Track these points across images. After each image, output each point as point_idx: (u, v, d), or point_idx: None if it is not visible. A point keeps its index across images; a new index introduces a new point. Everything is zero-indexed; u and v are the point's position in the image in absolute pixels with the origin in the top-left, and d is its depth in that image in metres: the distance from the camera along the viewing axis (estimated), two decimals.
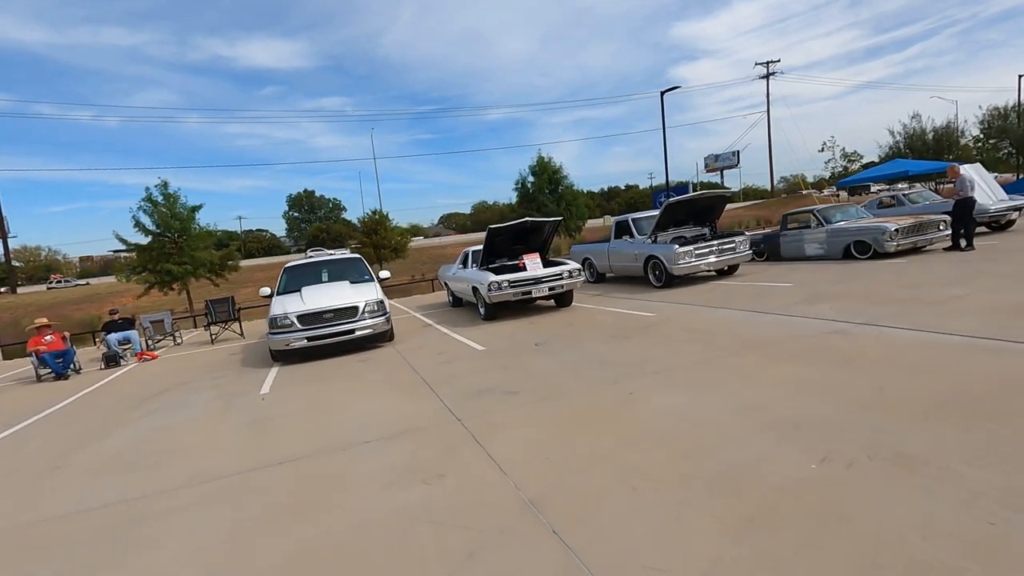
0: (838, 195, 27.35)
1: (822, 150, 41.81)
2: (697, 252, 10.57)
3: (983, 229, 13.00)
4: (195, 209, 16.82)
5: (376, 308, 8.36)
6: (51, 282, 58.39)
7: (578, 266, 9.78)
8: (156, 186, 16.14)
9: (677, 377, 4.82)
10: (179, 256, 15.89)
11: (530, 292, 9.39)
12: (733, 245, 10.85)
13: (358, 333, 8.12)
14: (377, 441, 4.23)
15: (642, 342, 6.45)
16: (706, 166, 78.99)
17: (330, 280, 9.55)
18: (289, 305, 8.22)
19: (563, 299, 10.11)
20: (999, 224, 12.72)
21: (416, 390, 5.58)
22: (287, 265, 10.04)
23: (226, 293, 14.21)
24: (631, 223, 12.07)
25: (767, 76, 55.92)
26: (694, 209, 11.53)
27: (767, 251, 13.13)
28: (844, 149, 39.56)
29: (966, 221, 10.34)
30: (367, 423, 4.73)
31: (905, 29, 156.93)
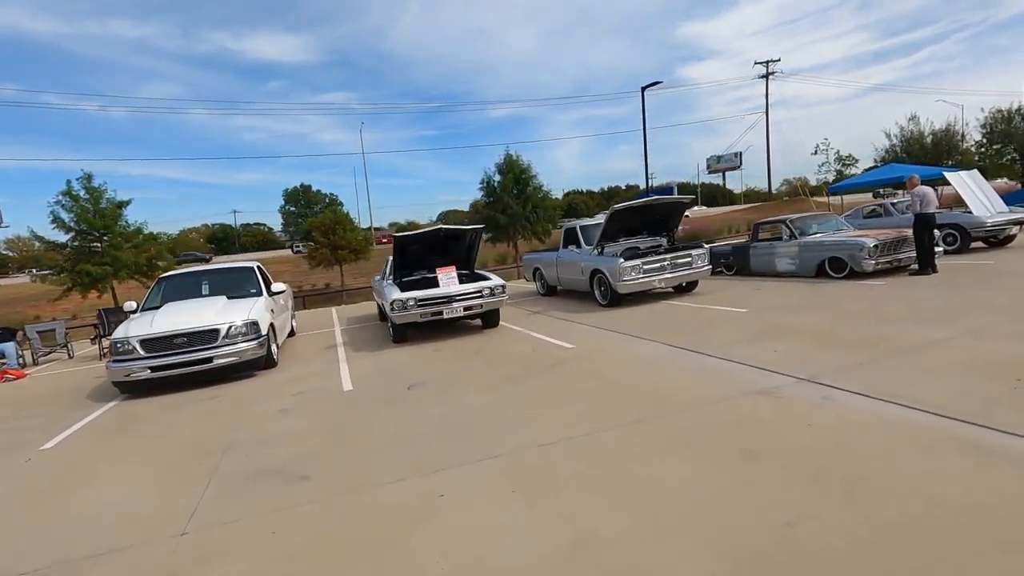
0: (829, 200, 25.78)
1: (815, 153, 40.21)
2: (647, 267, 9.17)
3: (979, 245, 11.58)
4: (122, 205, 15.45)
5: (246, 331, 6.97)
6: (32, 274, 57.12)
7: (501, 283, 8.38)
8: (79, 179, 14.80)
9: (519, 469, 3.43)
10: (100, 257, 14.56)
11: (441, 312, 7.99)
12: (689, 259, 9.44)
13: (218, 362, 6.73)
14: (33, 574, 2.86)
15: (532, 391, 5.07)
16: (708, 167, 77.58)
17: (211, 294, 8.18)
18: (135, 327, 6.84)
19: (488, 319, 8.72)
20: (997, 239, 11.29)
21: (197, 460, 4.20)
22: (163, 275, 8.66)
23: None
24: (579, 231, 10.66)
25: (766, 76, 54.39)
26: (649, 217, 10.12)
27: (736, 264, 11.72)
28: (838, 152, 37.96)
29: (923, 241, 8.90)
30: (79, 525, 3.35)
31: (914, 33, 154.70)
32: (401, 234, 8.41)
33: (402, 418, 4.70)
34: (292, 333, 10.34)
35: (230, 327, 6.86)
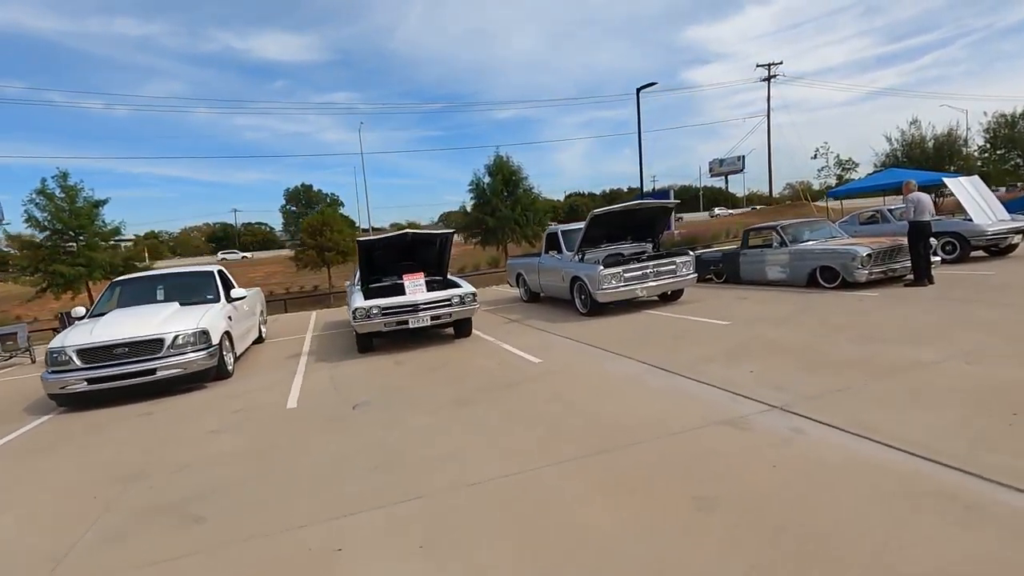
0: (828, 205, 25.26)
1: (815, 157, 39.68)
2: (628, 275, 8.73)
3: (980, 254, 11.11)
4: (98, 204, 15.07)
5: (194, 340, 6.54)
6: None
7: (472, 291, 7.94)
8: (54, 177, 14.41)
9: (438, 516, 2.99)
10: (74, 257, 14.18)
11: (406, 322, 7.56)
12: (673, 267, 9.00)
13: (161, 374, 6.31)
14: None
15: (483, 414, 4.64)
16: (710, 170, 77.10)
17: (166, 300, 7.76)
18: (73, 336, 6.42)
19: (460, 328, 8.28)
20: (998, 248, 10.82)
21: (98, 490, 3.76)
22: (116, 279, 8.24)
23: None
24: (560, 236, 10.22)
25: (768, 79, 53.95)
26: (631, 222, 9.67)
27: (726, 272, 11.27)
28: (838, 156, 37.44)
29: (918, 251, 8.47)
30: None
31: (919, 38, 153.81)
32: (365, 238, 7.98)
33: (334, 444, 4.27)
34: (261, 339, 9.93)
35: (176, 337, 6.43)
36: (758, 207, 68.04)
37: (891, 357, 4.90)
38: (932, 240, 8.93)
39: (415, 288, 7.79)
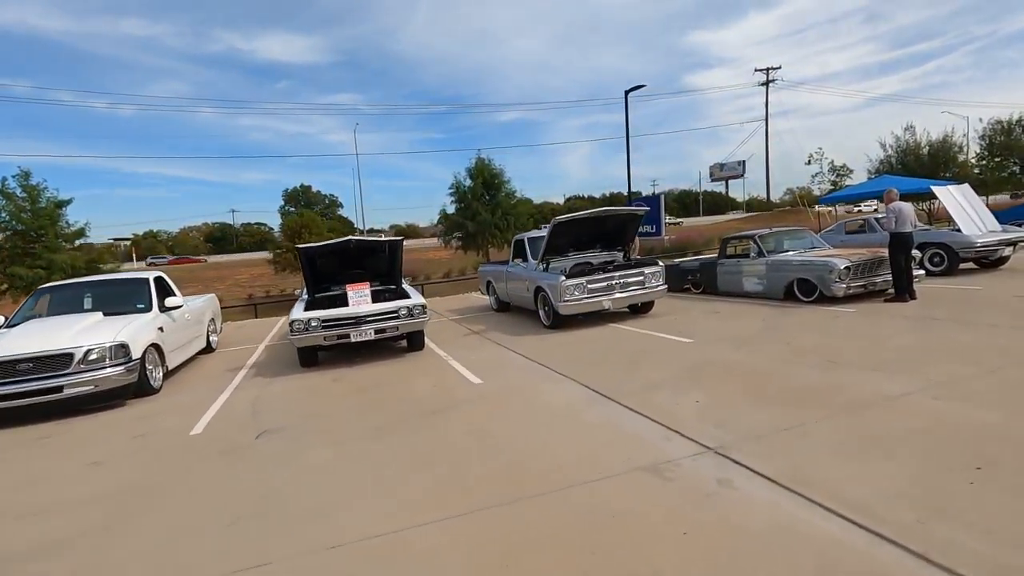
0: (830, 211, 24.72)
1: (809, 163, 39.18)
2: (592, 286, 8.22)
3: (970, 266, 10.60)
4: (61, 204, 14.59)
5: (111, 355, 6.03)
6: None
7: (421, 302, 7.43)
8: (14, 176, 13.95)
9: None
10: (34, 259, 13.69)
11: (347, 335, 7.06)
12: (641, 278, 8.49)
13: (70, 392, 5.80)
14: None
15: (389, 449, 4.14)
16: (711, 175, 76.63)
17: (93, 308, 7.26)
18: None
19: (412, 341, 7.78)
20: (988, 261, 10.31)
21: None
22: (42, 287, 7.74)
23: None
24: (526, 243, 9.73)
25: (766, 83, 53.53)
26: (600, 230, 9.19)
27: (703, 282, 10.76)
28: (832, 163, 36.93)
29: (899, 264, 7.97)
30: None
31: (922, 44, 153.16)
32: (306, 245, 7.49)
33: (211, 487, 3.76)
34: (210, 349, 9.42)
35: (88, 351, 5.93)
36: (748, 214, 67.54)
37: (854, 388, 4.39)
38: (917, 252, 8.43)
39: (359, 299, 7.29)
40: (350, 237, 7.48)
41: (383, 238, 7.98)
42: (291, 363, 7.74)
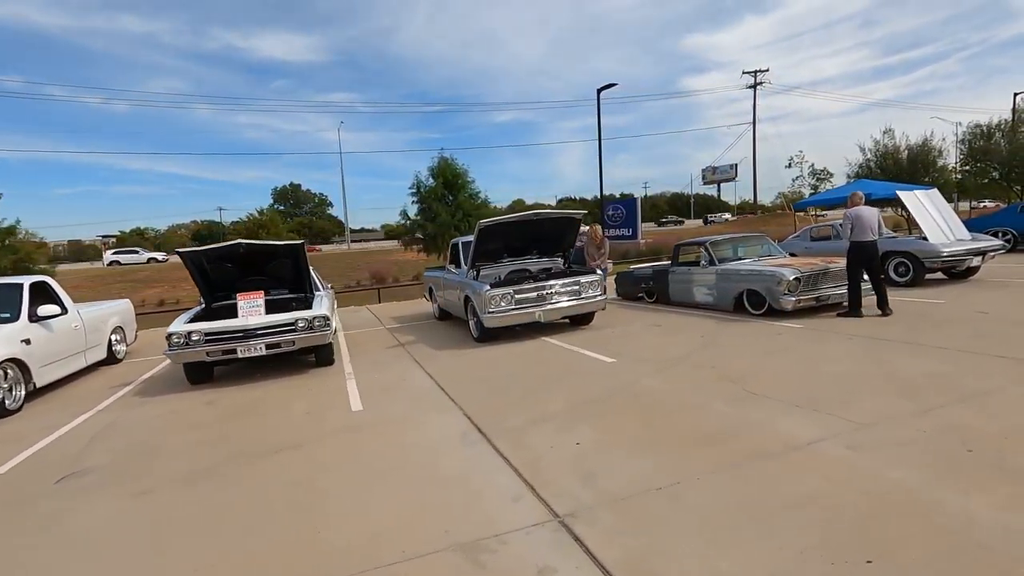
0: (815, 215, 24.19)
1: (789, 166, 38.63)
2: (521, 296, 7.51)
3: (939, 276, 9.97)
4: None
5: None
6: None
7: (323, 314, 6.67)
8: None
9: None
10: None
11: (234, 351, 6.30)
12: (577, 287, 7.78)
13: None
14: None
15: (194, 502, 3.40)
16: (703, 178, 76.19)
17: None
18: None
19: (319, 355, 7.03)
20: (957, 271, 9.68)
21: None
22: None
23: None
24: (460, 248, 9.01)
25: (754, 86, 53.14)
26: (537, 235, 8.46)
27: (656, 291, 10.06)
28: (813, 166, 36.41)
29: (855, 276, 7.33)
30: None
31: (915, 51, 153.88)
32: (188, 249, 6.69)
33: None
34: (114, 359, 8.61)
35: None
36: (731, 218, 67.15)
37: (761, 431, 3.68)
38: (875, 264, 7.74)
39: (250, 309, 6.53)
40: (240, 240, 6.70)
41: (289, 241, 7.16)
42: (178, 379, 6.97)
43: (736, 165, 69.46)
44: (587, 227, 10.51)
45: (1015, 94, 24.85)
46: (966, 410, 3.71)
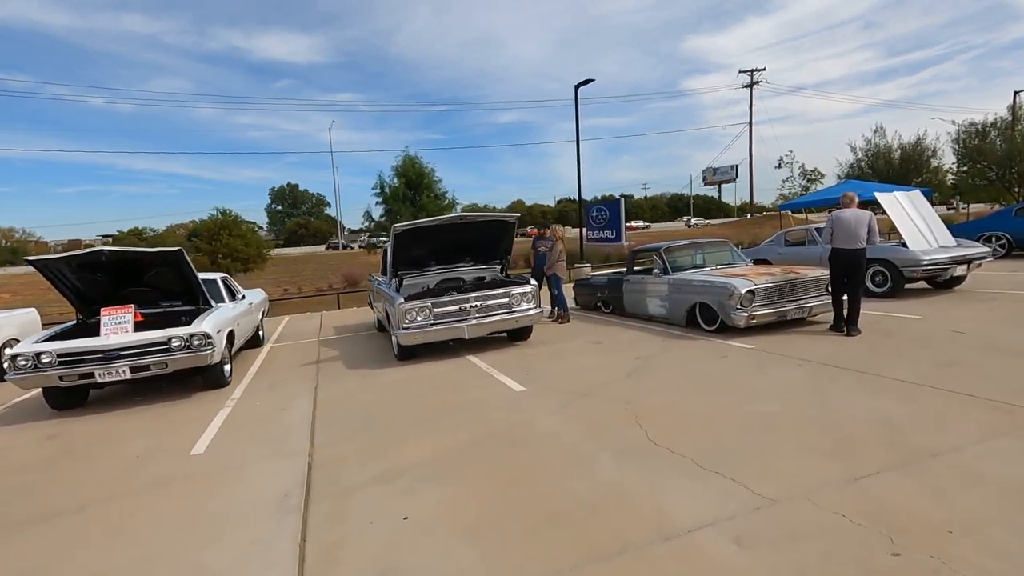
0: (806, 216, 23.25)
1: (779, 166, 37.64)
2: (441, 310, 6.67)
3: (922, 285, 9.10)
4: None
5: None
6: None
7: (204, 331, 5.82)
8: None
9: None
10: None
11: (92, 375, 5.47)
12: (507, 300, 6.94)
13: None
14: None
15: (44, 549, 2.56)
16: (704, 179, 75.22)
17: None
18: None
19: (207, 376, 6.21)
20: (940, 281, 8.80)
21: None
22: None
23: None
24: (387, 253, 8.17)
25: (751, 85, 52.16)
26: (466, 240, 7.62)
27: (612, 301, 9.20)
28: (803, 166, 35.42)
29: (836, 287, 6.52)
30: None
31: (918, 53, 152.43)
32: (41, 257, 5.84)
33: None
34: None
35: None
36: (713, 220, 66.24)
37: (638, 505, 2.83)
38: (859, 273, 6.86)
39: (115, 326, 5.70)
40: (102, 247, 5.86)
41: (163, 248, 6.30)
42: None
43: (737, 166, 68.47)
44: (548, 230, 9.64)
45: (1015, 92, 23.84)
46: (907, 481, 2.85)
